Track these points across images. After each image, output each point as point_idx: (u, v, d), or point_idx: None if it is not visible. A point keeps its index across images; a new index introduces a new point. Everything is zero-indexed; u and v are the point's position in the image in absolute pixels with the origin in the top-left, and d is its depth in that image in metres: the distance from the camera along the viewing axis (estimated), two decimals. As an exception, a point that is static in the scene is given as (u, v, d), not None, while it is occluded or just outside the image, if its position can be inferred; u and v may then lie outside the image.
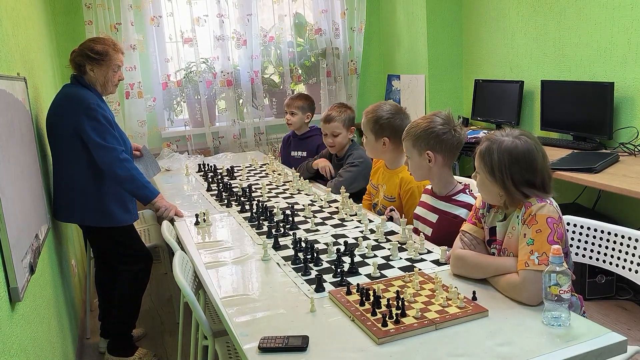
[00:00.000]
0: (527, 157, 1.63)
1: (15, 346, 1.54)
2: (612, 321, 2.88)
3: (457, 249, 1.79)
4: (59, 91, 2.65)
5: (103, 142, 2.49)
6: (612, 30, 3.20)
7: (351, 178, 2.95)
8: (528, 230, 1.58)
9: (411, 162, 2.17)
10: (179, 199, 2.92)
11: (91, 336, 3.11)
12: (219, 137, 4.61)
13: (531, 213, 1.59)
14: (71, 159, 2.53)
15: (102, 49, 2.60)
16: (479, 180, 1.73)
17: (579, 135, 3.38)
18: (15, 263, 1.58)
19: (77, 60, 2.61)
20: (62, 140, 2.54)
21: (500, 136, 1.68)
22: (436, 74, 4.48)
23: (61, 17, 4.19)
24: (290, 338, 1.42)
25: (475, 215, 1.84)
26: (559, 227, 1.58)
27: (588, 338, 1.37)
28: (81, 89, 2.59)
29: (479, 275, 1.70)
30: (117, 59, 2.66)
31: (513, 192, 1.63)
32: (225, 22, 4.45)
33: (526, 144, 1.64)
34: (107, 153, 2.50)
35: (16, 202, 1.76)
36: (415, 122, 2.18)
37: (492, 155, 1.66)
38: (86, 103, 2.51)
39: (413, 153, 2.13)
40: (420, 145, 2.10)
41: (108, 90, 2.69)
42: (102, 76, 2.62)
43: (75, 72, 2.63)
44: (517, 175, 1.62)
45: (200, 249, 2.16)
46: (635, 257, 1.85)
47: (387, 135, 2.49)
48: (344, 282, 1.74)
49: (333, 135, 3.10)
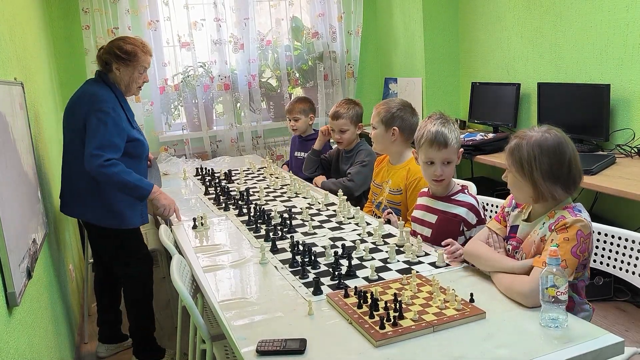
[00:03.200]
0: (558, 149, 1.62)
1: (13, 351, 1.54)
2: (610, 323, 2.88)
3: (476, 239, 1.83)
4: (82, 84, 2.61)
5: (91, 149, 2.38)
6: (608, 32, 3.21)
7: (364, 178, 2.99)
8: (557, 236, 1.59)
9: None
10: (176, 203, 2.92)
11: (89, 341, 3.10)
12: (216, 141, 4.61)
13: (565, 224, 1.59)
14: (81, 155, 2.44)
15: (131, 49, 2.57)
16: (510, 180, 1.72)
17: (576, 137, 3.37)
18: (13, 268, 1.57)
19: (105, 57, 2.57)
20: (75, 134, 2.48)
21: (529, 132, 1.68)
22: (433, 76, 4.49)
23: (58, 21, 4.19)
24: (288, 341, 1.42)
25: (502, 213, 1.86)
26: (585, 242, 1.58)
27: (585, 340, 1.37)
28: (102, 88, 2.54)
29: (481, 265, 1.76)
30: (145, 60, 2.62)
31: (541, 186, 1.62)
32: (222, 26, 4.46)
33: (556, 137, 1.64)
34: (91, 160, 2.37)
35: (13, 206, 1.76)
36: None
37: (521, 150, 1.65)
38: (99, 104, 2.45)
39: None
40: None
41: (131, 91, 2.65)
42: (128, 76, 2.59)
43: (101, 69, 2.60)
44: (545, 166, 1.61)
45: (198, 253, 2.16)
46: (632, 258, 1.85)
47: (398, 125, 2.57)
48: (342, 285, 1.74)
49: (341, 131, 3.11)
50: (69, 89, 4.22)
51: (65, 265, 3.00)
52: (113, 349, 2.91)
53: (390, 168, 2.63)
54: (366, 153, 3.08)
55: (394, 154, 2.64)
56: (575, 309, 1.69)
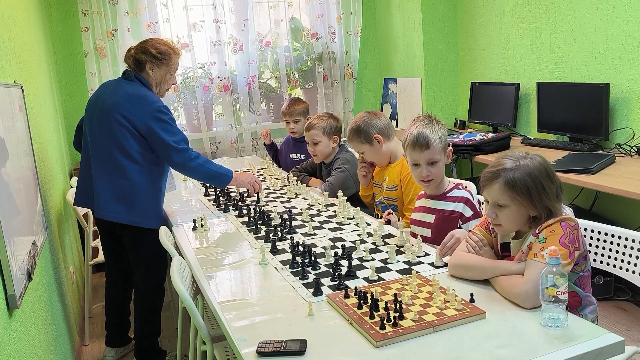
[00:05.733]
0: (550, 170, 1.65)
1: (13, 353, 1.54)
2: (610, 322, 2.88)
3: (459, 251, 1.79)
4: (118, 84, 2.57)
5: (176, 145, 2.48)
6: (607, 32, 3.21)
7: (339, 184, 2.90)
8: (543, 232, 1.60)
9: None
10: (176, 204, 2.92)
11: (89, 343, 3.10)
12: (216, 142, 4.62)
13: (548, 224, 1.60)
14: (125, 155, 2.46)
15: (165, 49, 2.58)
16: (505, 215, 1.65)
17: (575, 137, 3.39)
18: (13, 270, 1.57)
19: (139, 56, 2.56)
20: (120, 135, 2.45)
21: (512, 163, 1.64)
22: (432, 77, 4.49)
23: (57, 24, 4.20)
24: (289, 342, 1.42)
25: (486, 225, 1.82)
26: (572, 233, 1.58)
27: (586, 339, 1.37)
28: (145, 89, 2.55)
29: (477, 275, 1.70)
30: (176, 62, 2.64)
31: (552, 207, 1.61)
32: (221, 27, 4.46)
33: (539, 159, 1.65)
34: (179, 155, 2.50)
35: (13, 209, 1.76)
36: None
37: (524, 181, 1.60)
38: (157, 104, 2.50)
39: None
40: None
41: (161, 92, 2.66)
42: (160, 77, 2.60)
43: (133, 69, 2.58)
44: (551, 189, 1.62)
45: (198, 254, 2.16)
46: (633, 257, 1.85)
47: (375, 131, 2.59)
48: (342, 285, 1.74)
49: (313, 143, 3.07)
50: (68, 90, 4.26)
51: (66, 268, 3.00)
52: (121, 351, 2.90)
53: (387, 166, 2.65)
54: (342, 161, 3.01)
55: (391, 155, 2.65)
56: (582, 302, 1.69)
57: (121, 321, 2.88)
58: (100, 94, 2.60)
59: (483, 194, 1.71)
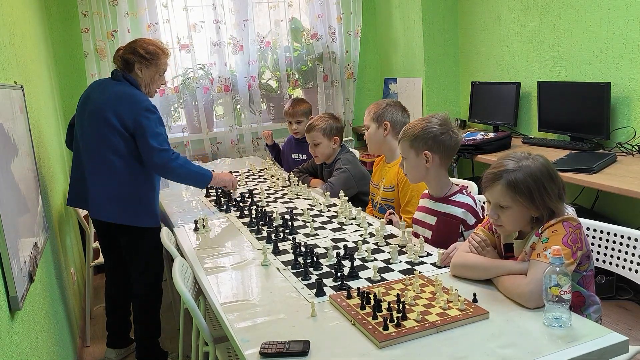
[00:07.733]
0: (551, 170, 1.64)
1: (16, 355, 1.54)
2: (613, 321, 2.88)
3: (460, 251, 1.79)
4: (104, 84, 2.59)
5: (157, 145, 2.45)
6: (608, 31, 3.21)
7: (340, 184, 2.88)
8: (545, 232, 1.60)
9: (407, 163, 2.16)
10: (177, 206, 2.92)
11: (91, 344, 3.09)
12: (216, 143, 4.61)
13: (550, 224, 1.60)
14: (116, 156, 2.46)
15: (153, 49, 2.58)
16: (507, 216, 1.65)
17: (577, 136, 3.39)
18: (15, 272, 1.57)
19: (127, 57, 2.56)
20: (110, 134, 2.45)
21: (513, 163, 1.64)
22: (433, 76, 4.49)
23: (57, 24, 4.19)
24: (292, 343, 1.42)
25: (489, 225, 1.81)
26: (575, 232, 1.58)
27: (589, 339, 1.37)
28: (133, 88, 2.54)
29: (479, 275, 1.70)
30: (165, 62, 2.64)
31: (555, 208, 1.61)
32: (221, 28, 4.46)
33: (541, 160, 1.65)
34: (160, 155, 2.46)
35: (14, 211, 1.76)
36: (412, 123, 2.20)
37: (526, 182, 1.60)
38: (144, 103, 2.49)
39: (410, 154, 2.13)
40: (418, 145, 2.10)
41: (150, 93, 2.66)
42: (149, 77, 2.60)
43: (121, 69, 2.58)
44: (553, 189, 1.62)
45: (200, 255, 2.16)
46: (635, 256, 1.85)
47: (389, 119, 2.59)
48: (345, 286, 1.73)
49: (314, 144, 3.07)
50: (68, 92, 4.25)
51: (67, 269, 3.00)
52: (123, 352, 2.90)
53: (385, 166, 2.65)
54: (344, 161, 3.00)
55: (387, 152, 2.64)
56: (586, 301, 1.69)
57: (122, 322, 2.87)
58: (90, 93, 2.60)
59: (485, 195, 1.71)
